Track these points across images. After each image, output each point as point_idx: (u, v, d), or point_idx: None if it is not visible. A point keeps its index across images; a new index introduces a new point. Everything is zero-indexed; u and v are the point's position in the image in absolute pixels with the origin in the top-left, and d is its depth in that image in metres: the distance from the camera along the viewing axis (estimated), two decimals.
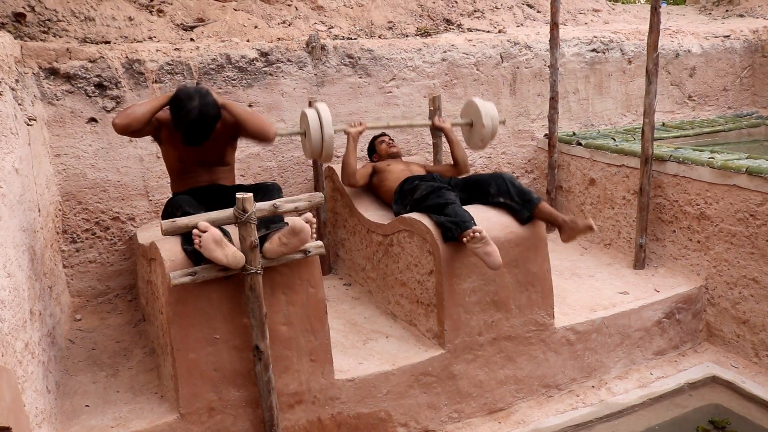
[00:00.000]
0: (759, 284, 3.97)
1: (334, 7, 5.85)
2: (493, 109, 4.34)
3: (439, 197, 3.60)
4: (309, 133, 3.93)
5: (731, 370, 4.05)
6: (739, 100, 6.89)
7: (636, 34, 6.26)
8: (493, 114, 4.31)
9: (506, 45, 5.55)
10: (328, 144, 3.92)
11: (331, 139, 3.91)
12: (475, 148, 4.55)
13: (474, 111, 4.37)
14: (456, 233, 3.37)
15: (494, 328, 3.62)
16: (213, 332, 2.95)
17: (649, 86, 4.49)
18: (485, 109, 4.30)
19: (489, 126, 4.29)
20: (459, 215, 3.43)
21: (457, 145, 4.39)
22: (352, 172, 4.26)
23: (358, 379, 3.32)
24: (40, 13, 4.51)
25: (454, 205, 3.52)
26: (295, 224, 2.88)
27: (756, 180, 3.90)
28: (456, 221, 3.40)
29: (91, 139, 4.20)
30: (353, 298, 4.39)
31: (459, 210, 3.48)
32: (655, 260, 4.71)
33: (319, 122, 3.90)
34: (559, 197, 5.64)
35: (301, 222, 2.89)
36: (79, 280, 4.32)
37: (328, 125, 3.89)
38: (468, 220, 3.39)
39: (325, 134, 3.89)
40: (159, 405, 3.06)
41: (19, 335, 2.46)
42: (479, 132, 4.35)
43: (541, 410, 3.72)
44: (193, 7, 5.24)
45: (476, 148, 4.53)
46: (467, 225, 3.35)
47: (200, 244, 2.73)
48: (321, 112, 3.92)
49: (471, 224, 3.36)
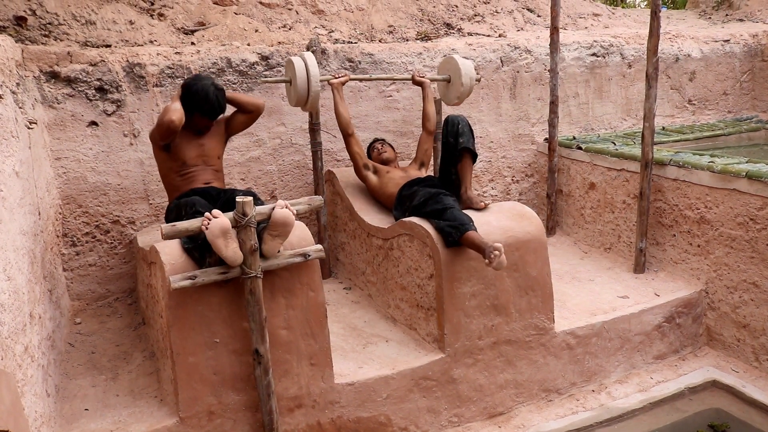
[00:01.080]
0: (759, 288, 3.97)
1: (335, 11, 5.86)
2: (471, 68, 4.51)
3: (437, 203, 3.61)
4: (294, 81, 4.08)
5: (731, 374, 4.04)
6: (739, 104, 6.90)
7: (636, 39, 6.27)
8: (471, 73, 4.49)
9: (506, 49, 5.55)
10: (314, 92, 4.06)
11: (317, 86, 4.06)
12: (450, 103, 4.71)
13: (453, 68, 4.54)
14: (456, 237, 3.37)
15: (494, 332, 3.62)
16: (213, 336, 2.95)
17: (649, 90, 4.49)
18: (465, 68, 4.46)
19: (467, 85, 4.48)
20: (458, 219, 3.43)
21: (429, 101, 4.54)
22: (345, 123, 4.35)
23: (357, 383, 3.32)
24: (41, 16, 4.52)
25: (453, 210, 3.53)
26: (275, 218, 2.90)
27: (756, 184, 3.90)
28: (455, 225, 3.40)
29: (91, 142, 4.20)
30: (353, 302, 4.39)
31: (458, 214, 3.49)
32: (655, 264, 4.71)
33: (306, 69, 4.05)
34: (560, 201, 5.64)
35: (278, 213, 2.91)
36: (79, 284, 4.32)
37: (314, 73, 4.03)
38: (467, 222, 3.40)
39: (312, 82, 4.03)
40: (158, 409, 3.05)
41: (18, 338, 2.46)
42: (457, 89, 4.53)
43: (541, 414, 3.71)
44: (194, 11, 5.25)
45: (451, 104, 4.70)
46: (467, 227, 3.36)
47: (207, 227, 2.76)
48: (307, 60, 4.07)
49: (470, 226, 3.38)
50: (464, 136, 3.79)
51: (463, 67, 4.45)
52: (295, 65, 4.05)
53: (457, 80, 4.49)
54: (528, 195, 5.86)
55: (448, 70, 4.60)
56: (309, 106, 4.18)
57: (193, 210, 3.09)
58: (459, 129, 3.79)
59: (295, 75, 4.05)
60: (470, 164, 3.86)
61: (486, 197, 5.64)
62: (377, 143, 4.65)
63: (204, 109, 3.54)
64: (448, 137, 3.83)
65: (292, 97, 4.24)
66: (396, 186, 4.17)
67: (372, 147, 4.65)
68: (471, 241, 3.34)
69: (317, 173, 4.64)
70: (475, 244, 3.32)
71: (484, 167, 5.61)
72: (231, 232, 2.80)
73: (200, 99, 3.52)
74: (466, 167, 3.84)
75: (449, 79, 4.57)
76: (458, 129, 3.79)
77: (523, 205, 3.89)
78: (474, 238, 3.33)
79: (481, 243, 3.28)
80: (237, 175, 4.64)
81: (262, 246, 2.93)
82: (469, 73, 4.47)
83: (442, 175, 3.97)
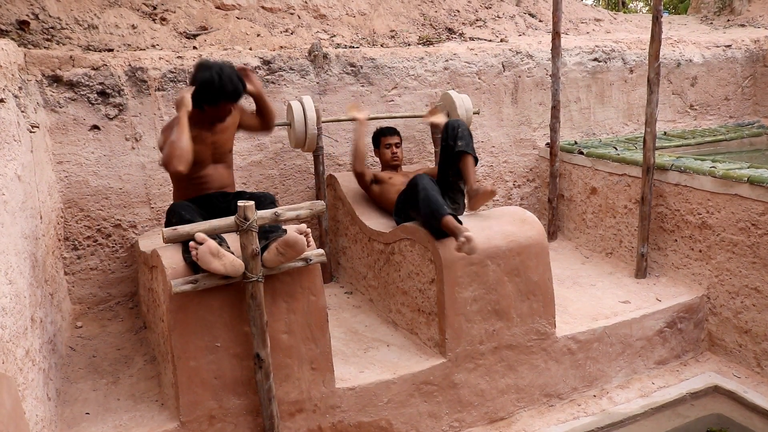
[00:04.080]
0: (761, 294, 3.96)
1: (337, 15, 5.88)
2: (467, 101, 4.65)
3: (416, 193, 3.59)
4: (293, 124, 4.29)
5: (733, 379, 4.03)
6: (741, 110, 6.90)
7: (638, 44, 6.27)
8: (467, 106, 4.64)
9: (508, 54, 5.56)
10: (311, 135, 4.27)
11: (313, 131, 4.27)
12: None
13: (449, 103, 4.69)
14: (437, 225, 3.41)
15: (495, 336, 3.61)
16: (214, 340, 2.95)
17: (650, 95, 4.50)
18: (460, 101, 4.62)
19: (464, 117, 4.59)
20: (431, 205, 3.45)
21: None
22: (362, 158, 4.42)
23: (359, 388, 3.31)
24: (43, 20, 4.53)
25: (426, 191, 3.52)
26: (289, 237, 2.88)
27: (758, 189, 3.90)
28: (431, 212, 3.43)
29: (93, 146, 4.21)
30: (354, 306, 4.38)
31: (432, 197, 3.48)
32: (657, 269, 4.70)
33: (303, 114, 4.25)
34: (561, 206, 5.64)
35: (295, 235, 2.89)
36: (81, 288, 4.33)
37: (311, 117, 4.23)
38: (440, 207, 3.42)
39: (309, 126, 4.24)
40: (159, 413, 3.05)
41: (19, 342, 2.46)
42: None
43: (543, 419, 3.70)
44: (196, 15, 5.27)
45: None
46: (441, 212, 3.39)
47: (197, 257, 2.74)
48: (305, 104, 4.28)
49: (444, 210, 3.39)
50: (463, 139, 3.80)
51: (457, 100, 4.63)
52: (293, 110, 4.26)
53: (454, 114, 4.64)
54: (529, 200, 5.86)
55: (445, 106, 4.78)
56: (307, 147, 4.37)
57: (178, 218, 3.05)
58: (458, 133, 3.81)
59: (294, 119, 4.24)
60: (471, 162, 3.83)
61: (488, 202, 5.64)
62: (393, 146, 4.48)
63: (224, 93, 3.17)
64: (448, 140, 3.84)
65: (292, 139, 4.45)
66: (396, 192, 4.17)
67: (386, 145, 4.50)
68: (446, 225, 3.36)
69: (319, 177, 4.64)
70: (449, 228, 3.35)
71: (486, 172, 5.61)
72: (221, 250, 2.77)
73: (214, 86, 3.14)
74: (468, 165, 3.81)
75: (448, 113, 4.71)
76: (458, 133, 3.81)
77: (525, 209, 3.89)
78: (449, 222, 3.35)
79: (454, 228, 3.31)
80: (239, 179, 4.64)
81: (264, 254, 2.92)
82: (465, 105, 4.64)
83: (441, 177, 3.96)
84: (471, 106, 4.68)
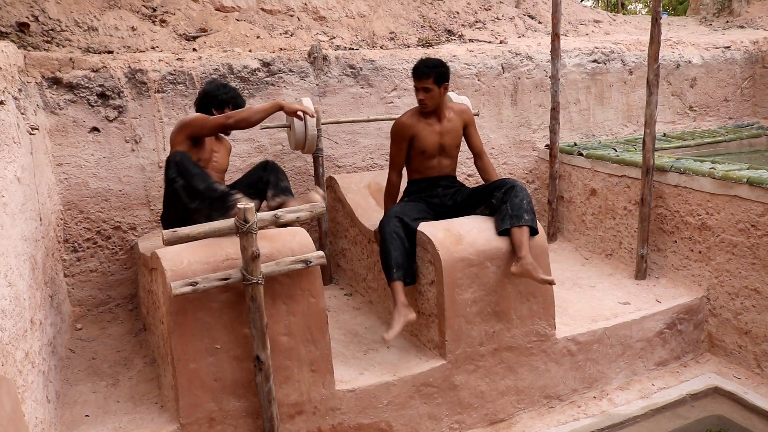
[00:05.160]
0: (761, 295, 3.96)
1: (336, 17, 5.88)
2: (467, 102, 4.59)
3: (380, 235, 3.64)
4: (293, 126, 4.28)
5: (733, 381, 4.03)
6: (740, 111, 6.90)
7: (637, 45, 6.28)
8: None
9: (508, 56, 5.56)
10: (311, 137, 4.26)
11: (313, 132, 4.26)
12: None
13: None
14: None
15: (495, 338, 3.61)
16: (214, 342, 2.95)
17: (650, 97, 4.50)
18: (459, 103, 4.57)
19: None
20: (386, 258, 3.54)
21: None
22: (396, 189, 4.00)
23: (358, 390, 3.31)
24: (43, 23, 4.53)
25: (386, 243, 3.55)
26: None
27: (757, 190, 3.90)
28: (384, 265, 3.55)
29: (93, 148, 4.21)
30: (354, 308, 4.38)
31: (389, 250, 3.54)
32: (657, 271, 4.70)
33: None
34: (561, 207, 5.64)
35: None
36: (80, 290, 4.32)
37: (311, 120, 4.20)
38: (390, 270, 3.51)
39: (309, 128, 4.23)
40: (159, 415, 3.05)
41: (19, 344, 2.46)
42: None
43: (543, 421, 3.70)
44: (196, 17, 5.27)
45: None
46: (389, 276, 3.51)
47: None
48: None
49: (392, 276, 3.49)
50: (529, 213, 3.51)
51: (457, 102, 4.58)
52: None
53: None
54: None
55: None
56: (307, 149, 4.35)
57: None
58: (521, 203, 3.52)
59: (293, 121, 4.24)
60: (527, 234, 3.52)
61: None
62: (420, 90, 3.74)
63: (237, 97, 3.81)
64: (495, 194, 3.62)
65: (292, 141, 4.45)
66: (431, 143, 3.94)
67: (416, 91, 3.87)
68: (392, 290, 3.51)
69: (318, 179, 4.64)
70: (393, 295, 3.49)
71: None
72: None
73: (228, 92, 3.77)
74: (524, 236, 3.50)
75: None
76: (522, 204, 3.52)
77: None
78: (394, 289, 3.49)
79: (395, 299, 3.45)
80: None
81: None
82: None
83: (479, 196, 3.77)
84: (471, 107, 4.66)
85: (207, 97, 3.76)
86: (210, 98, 3.75)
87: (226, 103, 3.75)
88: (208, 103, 3.76)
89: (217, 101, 3.74)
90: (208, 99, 3.75)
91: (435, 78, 3.65)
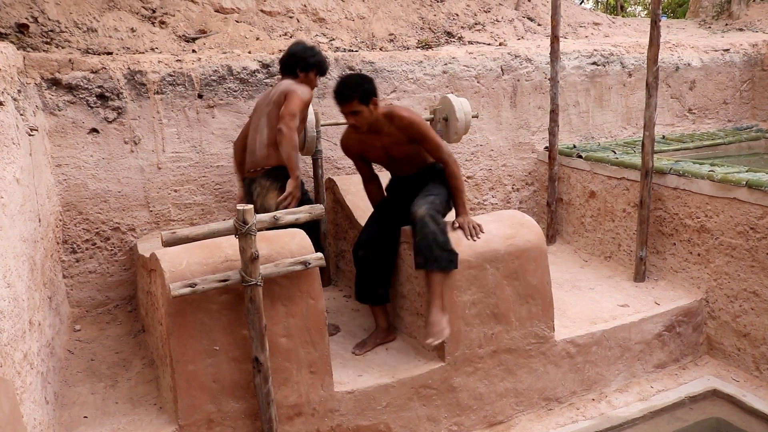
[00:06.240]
0: (760, 297, 3.96)
1: (336, 19, 5.89)
2: (466, 104, 4.65)
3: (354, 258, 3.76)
4: None
5: (732, 383, 4.03)
6: (739, 114, 6.91)
7: (636, 48, 6.29)
8: (466, 110, 4.63)
9: (507, 58, 5.57)
10: (310, 138, 4.26)
11: (312, 134, 4.26)
12: (450, 141, 4.76)
13: (448, 107, 4.68)
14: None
15: (494, 340, 3.61)
16: (212, 344, 2.95)
17: (649, 99, 4.50)
18: (458, 105, 4.62)
19: (462, 120, 4.62)
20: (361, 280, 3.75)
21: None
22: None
23: (357, 392, 3.31)
24: (43, 24, 4.53)
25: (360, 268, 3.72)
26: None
27: (756, 193, 3.90)
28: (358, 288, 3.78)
29: (92, 149, 4.21)
30: (353, 309, 4.38)
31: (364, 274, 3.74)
32: (656, 273, 4.70)
33: None
34: (560, 210, 5.64)
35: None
36: (79, 291, 4.32)
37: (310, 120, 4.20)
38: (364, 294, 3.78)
39: (308, 129, 4.21)
40: (158, 416, 3.05)
41: (18, 346, 2.46)
42: (453, 126, 4.64)
43: (541, 423, 3.70)
44: (196, 18, 5.27)
45: (452, 141, 4.75)
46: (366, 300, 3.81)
47: None
48: None
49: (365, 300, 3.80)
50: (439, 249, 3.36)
51: (456, 104, 4.62)
52: None
53: (452, 117, 4.64)
54: (528, 203, 5.87)
55: (444, 110, 4.75)
56: (306, 151, 4.37)
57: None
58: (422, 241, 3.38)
59: None
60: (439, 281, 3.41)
61: (486, 206, 5.65)
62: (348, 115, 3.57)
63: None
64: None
65: None
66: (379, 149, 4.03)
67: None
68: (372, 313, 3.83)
69: (318, 181, 4.64)
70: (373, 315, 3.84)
71: (485, 175, 5.61)
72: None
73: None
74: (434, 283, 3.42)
75: (446, 118, 4.71)
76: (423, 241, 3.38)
77: (523, 213, 3.89)
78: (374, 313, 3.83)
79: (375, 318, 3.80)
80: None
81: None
82: (464, 108, 4.63)
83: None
84: (470, 109, 4.69)
85: (294, 57, 3.80)
86: (297, 59, 3.79)
87: (311, 66, 3.80)
88: (294, 64, 3.80)
89: (303, 63, 3.79)
90: (295, 59, 3.80)
91: (360, 98, 3.37)
